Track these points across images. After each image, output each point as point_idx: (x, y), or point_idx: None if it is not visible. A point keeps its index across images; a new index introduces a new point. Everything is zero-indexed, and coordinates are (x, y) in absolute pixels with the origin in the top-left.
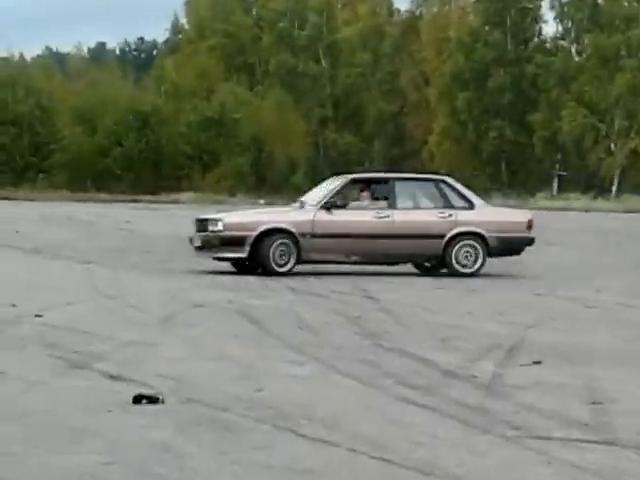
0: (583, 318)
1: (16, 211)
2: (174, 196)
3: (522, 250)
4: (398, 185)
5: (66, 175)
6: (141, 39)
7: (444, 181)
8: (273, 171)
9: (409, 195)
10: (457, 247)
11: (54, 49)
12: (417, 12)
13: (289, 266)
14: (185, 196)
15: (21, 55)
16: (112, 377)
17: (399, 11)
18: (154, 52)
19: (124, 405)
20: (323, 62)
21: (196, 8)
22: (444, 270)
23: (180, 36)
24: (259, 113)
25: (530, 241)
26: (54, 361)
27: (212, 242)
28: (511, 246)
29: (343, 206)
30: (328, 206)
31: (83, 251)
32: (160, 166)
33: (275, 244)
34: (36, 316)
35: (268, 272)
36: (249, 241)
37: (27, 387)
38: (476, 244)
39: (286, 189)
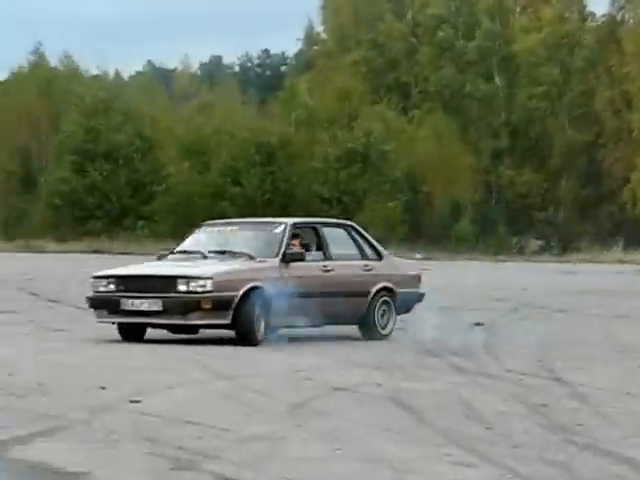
0: None
1: (109, 267)
2: None
3: (413, 307)
4: (326, 232)
5: (171, 222)
6: (266, 52)
7: (353, 227)
8: (432, 217)
9: (335, 244)
10: (378, 305)
11: (157, 65)
12: (618, 16)
13: (262, 333)
14: None
15: (117, 73)
16: None
17: (594, 15)
18: (282, 68)
19: None
20: (497, 80)
21: (336, 13)
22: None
23: (316, 48)
24: (415, 144)
25: (421, 297)
26: (154, 460)
27: (190, 306)
28: (409, 303)
29: (300, 259)
30: (287, 259)
31: None
32: (289, 211)
33: (257, 306)
34: (132, 402)
35: (251, 342)
36: (233, 304)
37: None
38: (390, 301)
39: (448, 240)
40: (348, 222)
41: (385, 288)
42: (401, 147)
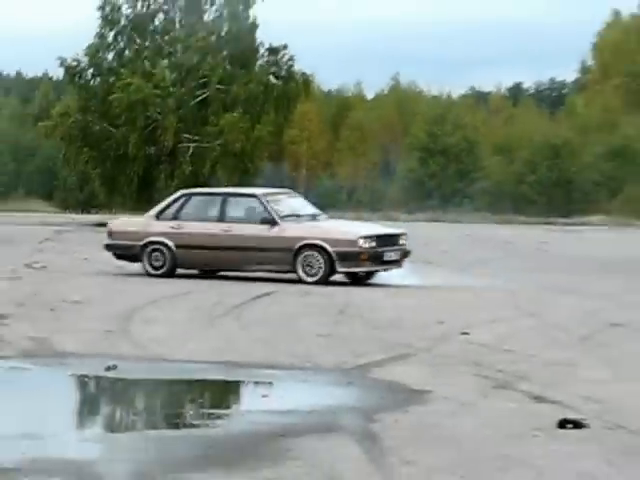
0: None
1: (441, 232)
2: (585, 219)
3: None
4: None
5: (487, 200)
6: (553, 79)
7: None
8: None
9: None
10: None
11: (477, 88)
12: None
13: None
14: (595, 219)
15: (449, 94)
16: (536, 398)
17: None
18: (564, 90)
19: (549, 430)
20: None
21: (602, 51)
22: None
23: (587, 76)
24: None
25: None
26: (480, 380)
27: (406, 255)
28: None
29: None
30: None
31: (503, 270)
32: (571, 192)
33: None
34: (462, 334)
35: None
36: None
37: (455, 409)
38: None
39: None
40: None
41: None
42: None
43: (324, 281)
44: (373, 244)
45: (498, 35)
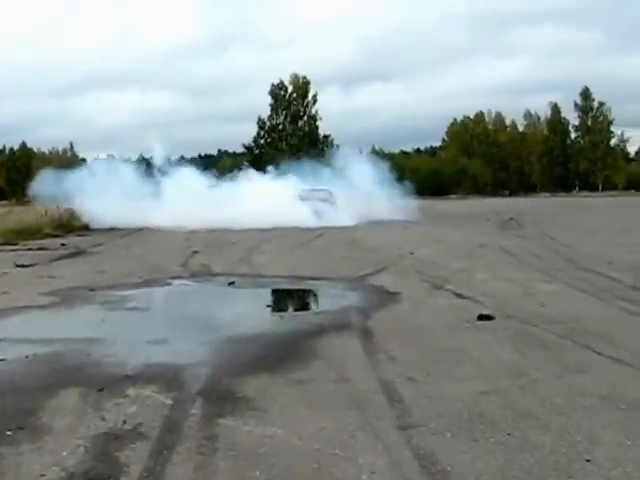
0: None
1: None
2: None
3: None
4: None
5: None
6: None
7: None
8: None
9: None
10: None
11: None
12: None
13: None
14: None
15: None
16: (457, 295)
17: None
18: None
19: (472, 321)
20: None
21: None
22: None
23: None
24: None
25: None
26: (423, 282)
27: None
28: None
29: None
30: None
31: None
32: None
33: None
34: (411, 254)
35: None
36: None
37: (414, 306)
38: None
39: None
40: None
41: None
42: None
43: None
44: None
45: None
